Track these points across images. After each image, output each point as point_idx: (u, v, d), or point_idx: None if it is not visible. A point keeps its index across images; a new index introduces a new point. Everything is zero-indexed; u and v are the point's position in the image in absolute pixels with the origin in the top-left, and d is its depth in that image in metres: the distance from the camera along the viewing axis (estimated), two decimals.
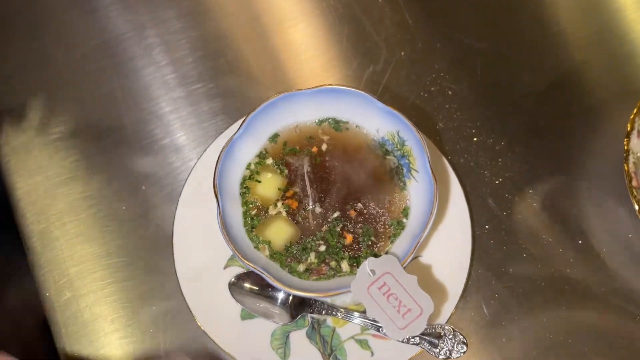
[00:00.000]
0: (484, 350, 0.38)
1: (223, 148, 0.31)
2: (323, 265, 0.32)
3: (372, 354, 0.36)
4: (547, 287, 0.39)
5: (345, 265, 0.32)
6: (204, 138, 0.43)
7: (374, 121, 0.33)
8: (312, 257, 0.32)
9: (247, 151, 0.33)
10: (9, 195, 0.41)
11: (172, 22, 0.48)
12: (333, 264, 0.32)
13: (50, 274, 0.39)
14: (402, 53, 0.45)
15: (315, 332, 0.37)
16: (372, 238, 0.32)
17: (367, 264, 0.29)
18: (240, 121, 0.33)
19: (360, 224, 0.33)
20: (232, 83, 0.45)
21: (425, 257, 0.37)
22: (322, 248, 0.32)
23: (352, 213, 0.33)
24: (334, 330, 0.37)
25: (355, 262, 0.32)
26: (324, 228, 0.32)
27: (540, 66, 0.46)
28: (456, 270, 0.36)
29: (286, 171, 0.34)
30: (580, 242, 0.40)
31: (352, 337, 0.36)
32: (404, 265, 0.29)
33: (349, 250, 0.32)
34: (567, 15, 0.48)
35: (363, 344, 0.36)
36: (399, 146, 0.32)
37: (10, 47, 0.46)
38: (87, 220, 0.40)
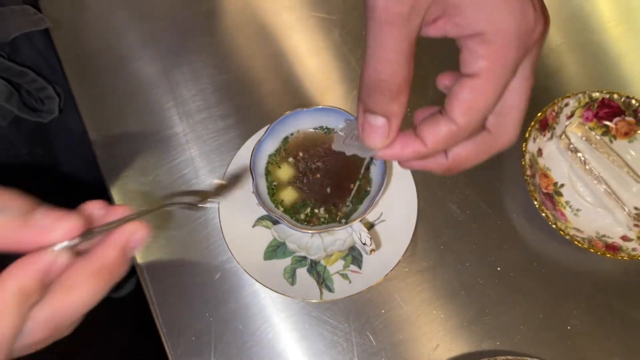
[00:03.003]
0: (439, 270, 0.55)
1: (255, 145, 0.49)
2: (315, 218, 0.49)
3: (350, 282, 0.52)
4: (476, 239, 0.56)
5: (331, 218, 0.50)
6: (237, 141, 0.60)
7: None
8: (308, 211, 0.50)
9: (269, 147, 0.50)
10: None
11: (202, 61, 0.63)
12: (323, 219, 0.50)
13: None
14: None
15: (313, 269, 0.54)
16: (349, 200, 0.50)
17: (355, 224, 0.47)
18: (264, 129, 0.51)
19: (342, 192, 0.50)
20: (258, 103, 0.63)
21: (386, 217, 0.55)
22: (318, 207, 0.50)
23: (337, 186, 0.50)
24: (325, 267, 0.54)
25: (338, 217, 0.49)
26: (319, 195, 0.50)
27: None
28: (405, 225, 0.53)
29: (293, 160, 0.51)
30: (497, 209, 0.57)
31: (337, 272, 0.53)
32: (366, 214, 0.46)
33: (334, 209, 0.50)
34: None
35: (344, 276, 0.53)
36: None
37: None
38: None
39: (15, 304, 0.24)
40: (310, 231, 0.46)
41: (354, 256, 0.54)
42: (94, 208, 0.29)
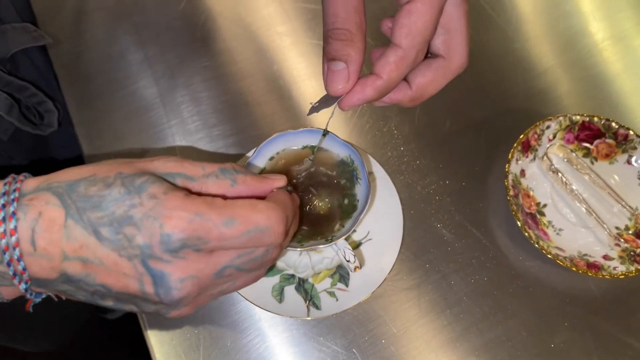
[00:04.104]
0: (424, 289, 0.56)
1: (244, 165, 0.50)
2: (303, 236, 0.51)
3: (337, 300, 0.53)
4: (460, 258, 0.57)
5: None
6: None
7: (336, 149, 0.51)
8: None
9: (257, 167, 0.52)
10: None
11: (198, 84, 0.65)
12: (315, 237, 0.51)
13: None
14: (364, 105, 0.65)
15: (301, 287, 0.55)
16: (337, 218, 0.51)
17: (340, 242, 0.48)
18: (254, 150, 0.52)
19: (330, 208, 0.51)
20: (252, 122, 0.65)
21: (372, 236, 0.56)
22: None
23: (325, 203, 0.52)
24: (312, 285, 0.55)
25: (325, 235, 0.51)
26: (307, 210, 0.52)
27: (461, 113, 0.63)
28: (392, 244, 0.54)
29: None
30: (481, 229, 0.58)
31: (325, 290, 0.54)
32: (350, 232, 0.48)
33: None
34: (485, 76, 0.66)
35: (331, 294, 0.54)
36: (350, 164, 0.51)
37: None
38: None
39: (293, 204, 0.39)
40: (297, 249, 0.47)
41: (341, 274, 0.55)
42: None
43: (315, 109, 0.38)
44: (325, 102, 0.37)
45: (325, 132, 0.49)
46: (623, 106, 0.65)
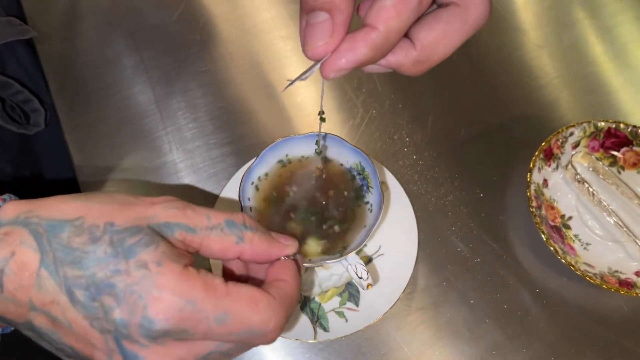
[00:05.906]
0: (441, 308, 0.52)
1: (244, 173, 0.46)
2: (307, 248, 0.46)
3: (346, 320, 0.49)
4: (480, 275, 0.53)
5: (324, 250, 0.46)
6: (232, 169, 0.58)
7: (344, 155, 0.47)
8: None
9: (260, 175, 0.48)
10: None
11: (196, 90, 0.62)
12: (320, 252, 0.46)
13: None
14: (373, 111, 0.60)
15: (307, 306, 0.50)
16: (346, 230, 0.47)
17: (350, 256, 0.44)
18: (254, 159, 0.48)
19: (338, 221, 0.47)
20: (252, 131, 0.61)
21: (385, 250, 0.52)
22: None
23: (333, 215, 0.47)
24: (319, 304, 0.51)
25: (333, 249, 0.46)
26: (312, 227, 0.47)
27: (475, 119, 0.60)
28: (405, 259, 0.50)
29: (283, 189, 0.48)
30: (501, 243, 0.54)
31: (333, 310, 0.49)
32: (362, 245, 0.43)
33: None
34: (498, 80, 0.63)
35: (340, 314, 0.50)
36: (360, 172, 0.47)
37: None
38: None
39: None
40: (304, 264, 0.43)
41: (350, 292, 0.50)
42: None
43: (292, 83, 0.31)
44: (306, 72, 0.29)
45: (322, 116, 0.40)
46: None
